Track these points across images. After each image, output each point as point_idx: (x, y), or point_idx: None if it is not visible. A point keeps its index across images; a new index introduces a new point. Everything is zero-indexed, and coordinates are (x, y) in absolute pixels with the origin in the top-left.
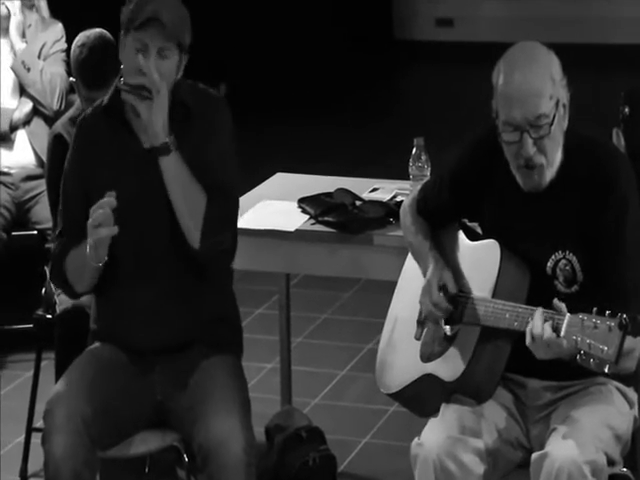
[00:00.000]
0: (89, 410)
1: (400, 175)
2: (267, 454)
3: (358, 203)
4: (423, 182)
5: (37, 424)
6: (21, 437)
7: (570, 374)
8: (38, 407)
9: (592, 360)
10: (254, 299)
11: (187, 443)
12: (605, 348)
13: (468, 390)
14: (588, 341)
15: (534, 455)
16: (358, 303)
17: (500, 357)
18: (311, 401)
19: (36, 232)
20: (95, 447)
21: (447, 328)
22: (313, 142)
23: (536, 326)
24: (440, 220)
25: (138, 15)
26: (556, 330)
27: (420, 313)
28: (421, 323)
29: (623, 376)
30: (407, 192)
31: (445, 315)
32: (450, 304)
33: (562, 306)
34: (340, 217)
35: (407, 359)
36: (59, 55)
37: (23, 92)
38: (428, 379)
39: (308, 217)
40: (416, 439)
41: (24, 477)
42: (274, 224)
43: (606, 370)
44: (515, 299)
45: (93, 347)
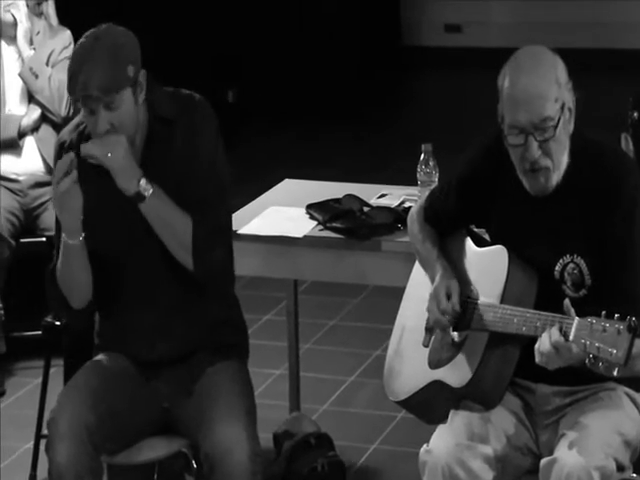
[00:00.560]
0: (92, 417)
1: (408, 181)
2: (275, 461)
3: (366, 209)
4: (430, 189)
5: (46, 431)
6: (30, 443)
7: (579, 379)
8: (47, 414)
9: (601, 364)
10: (262, 305)
11: (195, 450)
12: (614, 351)
13: (476, 396)
14: (597, 344)
15: (543, 461)
16: (366, 309)
17: (508, 363)
18: (319, 407)
19: (44, 239)
20: (99, 454)
21: (455, 334)
22: (321, 148)
23: (544, 342)
24: (447, 227)
25: (73, 92)
26: (565, 335)
27: (428, 320)
28: (429, 330)
29: (632, 381)
30: (415, 198)
31: (452, 324)
32: (457, 308)
33: (571, 309)
34: (348, 223)
35: (415, 366)
36: (67, 62)
37: (31, 99)
38: (436, 386)
39: (316, 223)
40: (425, 446)
41: None
42: (282, 230)
43: (615, 373)
44: (523, 304)
45: (97, 357)
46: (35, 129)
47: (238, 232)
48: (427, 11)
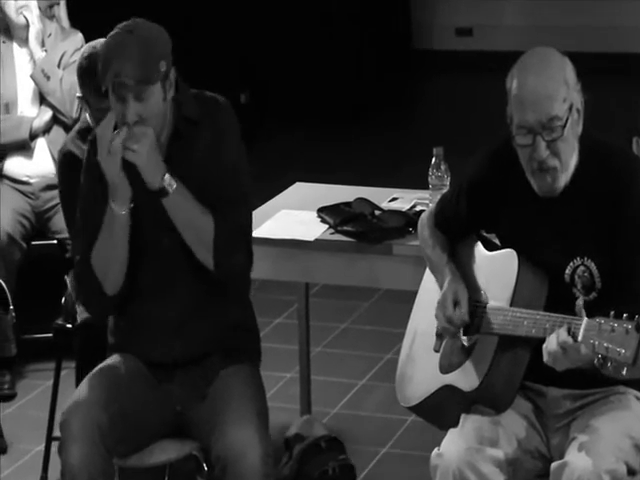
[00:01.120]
0: (105, 419)
1: (419, 185)
2: (286, 464)
3: (377, 213)
4: (441, 194)
5: (57, 433)
6: (41, 446)
7: (590, 383)
8: (58, 416)
9: (610, 364)
10: (273, 308)
11: (206, 452)
12: (622, 351)
13: (487, 400)
14: (605, 344)
15: (554, 465)
16: (377, 313)
17: (519, 366)
18: (330, 411)
19: (56, 241)
20: (111, 456)
21: (465, 339)
22: (332, 151)
23: (551, 342)
24: (458, 232)
25: (103, 81)
26: (574, 335)
27: (438, 326)
28: (440, 335)
29: None
30: (426, 202)
31: (459, 331)
32: (466, 317)
33: (583, 311)
34: (359, 227)
35: (426, 372)
36: None
37: (43, 101)
38: (447, 390)
39: (327, 227)
40: (436, 450)
41: None
42: (293, 234)
43: (624, 373)
44: (533, 307)
45: (110, 359)
46: (46, 131)
47: None
48: (438, 14)
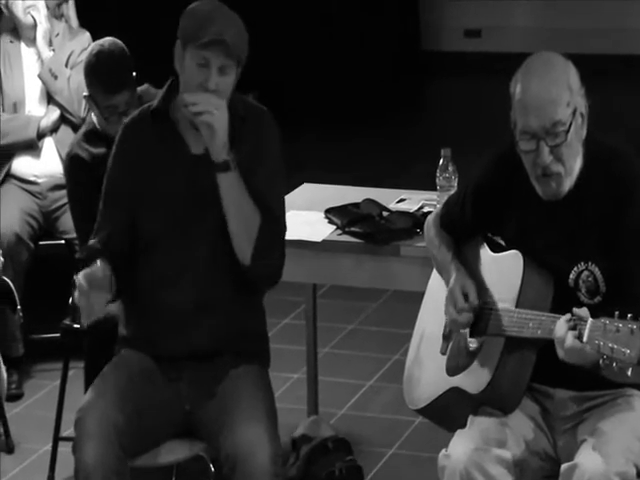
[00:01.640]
0: (121, 418)
1: (427, 186)
2: (293, 464)
3: (385, 214)
4: (448, 195)
5: (64, 433)
6: (48, 446)
7: (597, 384)
8: (65, 416)
9: (615, 364)
10: (281, 309)
11: (214, 452)
12: (627, 351)
13: (494, 401)
14: (610, 345)
15: (564, 466)
16: (385, 314)
17: (525, 367)
18: (337, 411)
19: (63, 241)
20: (126, 456)
21: (472, 341)
22: (340, 152)
23: (559, 329)
24: (463, 234)
25: (202, 34)
26: (579, 336)
27: (445, 327)
28: (446, 337)
29: None
30: (434, 203)
31: (468, 324)
32: (474, 314)
33: (584, 311)
34: (367, 228)
35: (433, 374)
36: None
37: (50, 100)
38: (454, 392)
39: (335, 228)
40: (443, 450)
41: None
42: (301, 234)
43: (629, 374)
44: (539, 309)
45: (122, 355)
46: (54, 130)
47: None
48: (447, 16)
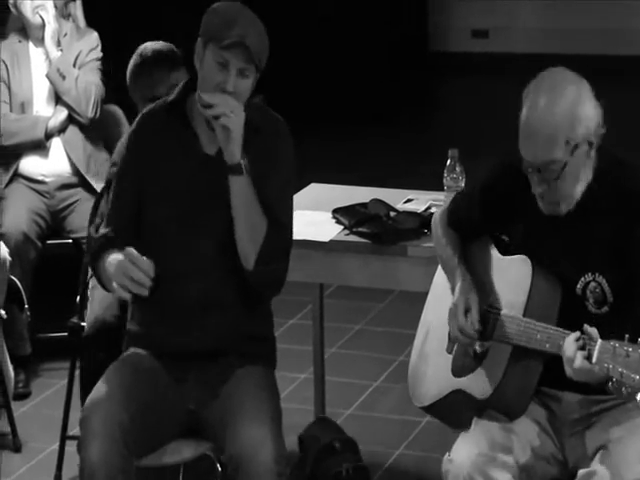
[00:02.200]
0: (126, 417)
1: (434, 186)
2: (300, 465)
3: (392, 214)
4: (455, 193)
5: (71, 432)
6: (55, 444)
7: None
8: (72, 415)
9: (624, 388)
10: (288, 309)
11: (220, 452)
12: (637, 377)
13: (499, 408)
14: (620, 369)
15: (581, 472)
16: (392, 314)
17: (532, 375)
18: (344, 412)
19: (71, 241)
20: (131, 455)
21: (478, 344)
22: (348, 153)
23: (568, 347)
24: (470, 232)
25: (225, 35)
26: (588, 357)
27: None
28: (452, 338)
29: None
30: (441, 203)
31: (472, 341)
32: (479, 324)
33: (593, 331)
34: (374, 228)
35: (439, 373)
36: (94, 64)
37: (58, 100)
38: (459, 394)
39: (342, 228)
40: (447, 455)
41: None
42: (308, 234)
43: (638, 399)
44: (546, 317)
45: (128, 354)
46: (62, 130)
47: None
48: (454, 16)
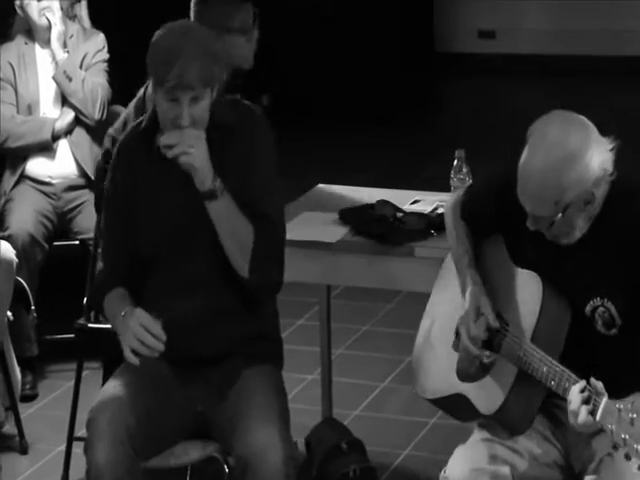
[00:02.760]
0: (132, 419)
1: (441, 187)
2: (307, 465)
3: (399, 215)
4: (470, 184)
5: (78, 433)
6: (62, 446)
7: (610, 396)
8: (79, 417)
9: (625, 453)
10: (295, 310)
11: (228, 454)
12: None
13: (503, 424)
14: (623, 436)
15: (587, 479)
16: (399, 315)
17: (537, 396)
18: (352, 413)
19: (78, 242)
20: (138, 456)
21: (485, 353)
22: (354, 154)
23: (573, 399)
24: (483, 229)
25: (165, 77)
26: (592, 412)
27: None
28: (459, 334)
29: None
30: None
31: (481, 353)
32: (487, 332)
33: (599, 385)
34: (381, 229)
35: (443, 368)
36: (101, 65)
37: (65, 102)
38: (463, 399)
39: (349, 229)
40: (442, 471)
41: None
42: (315, 235)
43: (632, 461)
44: (553, 344)
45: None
46: (69, 132)
47: None
48: (461, 17)
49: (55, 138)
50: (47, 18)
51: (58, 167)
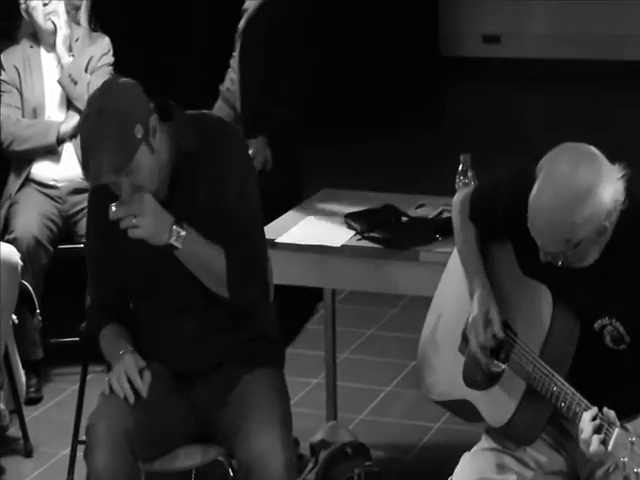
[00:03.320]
0: (131, 424)
1: (446, 191)
2: (312, 470)
3: (404, 219)
4: (480, 182)
5: (83, 437)
6: (67, 449)
7: (617, 409)
8: (84, 420)
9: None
10: None
11: (231, 457)
12: None
13: (510, 436)
14: (636, 470)
15: None
16: (404, 319)
17: (545, 411)
18: (356, 417)
19: (82, 246)
20: (137, 461)
21: (494, 362)
22: (359, 158)
23: (585, 428)
24: (491, 232)
25: (87, 179)
26: (604, 441)
27: (466, 325)
28: (467, 338)
29: None
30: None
31: (489, 361)
32: (501, 337)
33: (611, 415)
34: (386, 233)
35: (449, 370)
36: (106, 69)
37: (70, 105)
38: (469, 405)
39: (354, 233)
40: (450, 479)
41: None
42: (320, 239)
43: None
44: (561, 362)
45: None
46: (74, 135)
47: (276, 241)
48: (465, 22)
49: (60, 141)
50: (53, 22)
51: (63, 170)
